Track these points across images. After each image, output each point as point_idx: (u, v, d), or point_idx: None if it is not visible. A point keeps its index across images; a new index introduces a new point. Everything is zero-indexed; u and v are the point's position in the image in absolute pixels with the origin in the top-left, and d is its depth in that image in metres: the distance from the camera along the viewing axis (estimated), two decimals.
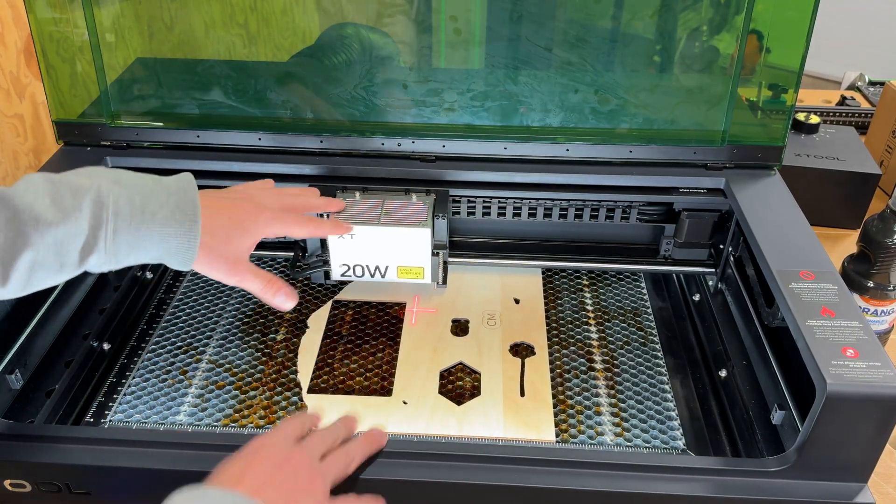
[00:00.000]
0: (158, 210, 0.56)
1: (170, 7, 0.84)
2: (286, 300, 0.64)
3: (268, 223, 0.63)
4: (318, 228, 0.71)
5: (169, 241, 0.56)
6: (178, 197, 0.57)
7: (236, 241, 0.60)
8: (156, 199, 0.56)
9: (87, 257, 0.54)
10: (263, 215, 0.63)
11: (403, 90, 0.86)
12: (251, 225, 0.62)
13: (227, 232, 0.60)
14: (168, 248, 0.56)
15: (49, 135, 1.19)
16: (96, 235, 0.53)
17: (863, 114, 1.36)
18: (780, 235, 0.70)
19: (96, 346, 0.76)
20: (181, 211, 0.56)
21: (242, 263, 0.61)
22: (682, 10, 0.81)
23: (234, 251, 0.60)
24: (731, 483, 0.58)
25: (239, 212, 0.62)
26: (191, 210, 0.57)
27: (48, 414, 0.68)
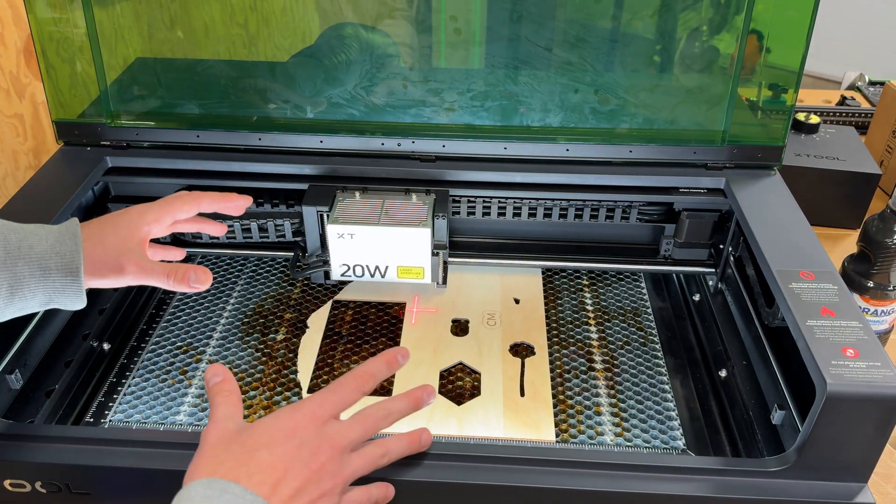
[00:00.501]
0: (36, 245, 0.53)
1: (170, 7, 0.84)
2: (198, 278, 0.60)
3: (141, 211, 0.61)
4: (199, 198, 0.66)
5: (51, 275, 0.53)
6: (58, 233, 0.55)
7: (112, 239, 0.57)
8: (34, 237, 0.54)
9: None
10: (137, 207, 0.61)
11: (403, 90, 0.86)
12: (126, 220, 0.59)
13: (101, 234, 0.57)
14: (53, 286, 0.54)
15: (49, 135, 1.19)
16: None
17: (863, 114, 1.36)
18: (780, 235, 0.70)
19: (96, 346, 0.76)
20: (60, 244, 0.54)
21: (129, 256, 0.58)
22: (682, 10, 0.81)
23: (113, 249, 0.57)
24: (731, 483, 0.57)
25: (111, 217, 0.60)
26: (71, 242, 0.54)
27: (48, 414, 0.68)
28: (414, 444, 0.56)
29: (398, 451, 0.55)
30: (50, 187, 0.77)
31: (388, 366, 0.56)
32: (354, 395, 0.54)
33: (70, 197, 0.75)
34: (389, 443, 0.55)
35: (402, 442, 0.56)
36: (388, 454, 0.54)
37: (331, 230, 0.76)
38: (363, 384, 0.54)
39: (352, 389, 0.54)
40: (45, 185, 0.78)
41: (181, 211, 0.64)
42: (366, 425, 0.53)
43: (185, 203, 0.64)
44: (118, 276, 0.58)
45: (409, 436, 0.56)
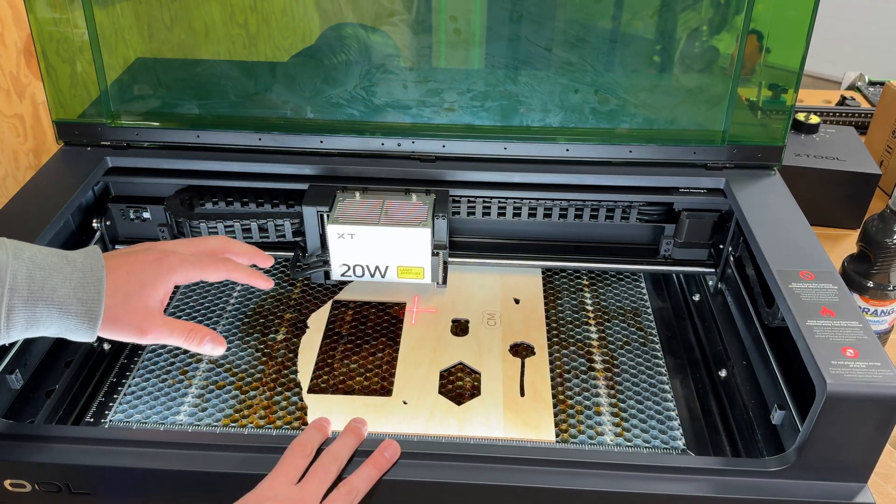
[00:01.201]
0: (60, 286, 0.52)
1: (170, 7, 0.84)
2: (214, 347, 0.60)
3: (173, 268, 0.58)
4: (234, 271, 0.63)
5: (68, 320, 0.53)
6: (81, 273, 0.54)
7: (137, 298, 0.56)
8: (58, 275, 0.53)
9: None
10: (167, 261, 0.58)
11: (403, 90, 0.86)
12: (153, 275, 0.57)
13: (127, 290, 0.56)
14: (68, 326, 0.53)
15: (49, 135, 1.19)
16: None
17: (863, 114, 1.36)
18: (780, 235, 0.70)
19: (96, 346, 0.76)
20: (84, 289, 0.53)
21: (152, 320, 0.57)
22: (682, 10, 0.81)
23: (137, 310, 0.56)
24: (731, 483, 0.58)
25: (138, 265, 0.57)
26: (94, 288, 0.54)
27: (48, 414, 0.68)
28: (380, 464, 0.57)
29: (366, 482, 0.56)
30: (50, 187, 0.77)
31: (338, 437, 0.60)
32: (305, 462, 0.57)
33: (70, 197, 0.75)
34: (354, 480, 0.56)
35: (367, 471, 0.56)
36: (356, 491, 0.55)
37: (331, 230, 0.76)
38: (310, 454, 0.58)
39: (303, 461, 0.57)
40: (46, 185, 0.78)
41: (212, 279, 0.62)
42: (322, 477, 0.55)
43: (219, 274, 0.62)
44: (137, 338, 0.57)
45: (371, 461, 0.57)
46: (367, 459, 0.57)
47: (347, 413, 0.68)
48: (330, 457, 0.57)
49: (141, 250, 0.59)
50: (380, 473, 0.57)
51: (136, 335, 0.56)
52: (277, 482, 0.54)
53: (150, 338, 0.57)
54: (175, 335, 0.58)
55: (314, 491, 0.54)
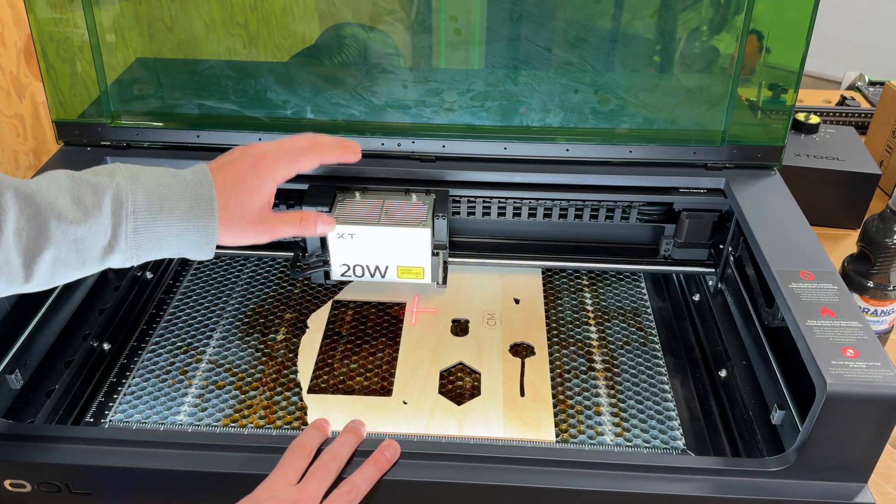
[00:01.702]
0: (176, 205, 0.56)
1: (170, 7, 0.84)
2: (325, 226, 0.67)
3: (272, 168, 0.62)
4: (324, 154, 0.66)
5: (188, 235, 0.57)
6: (194, 191, 0.57)
7: (247, 203, 0.60)
8: (173, 195, 0.56)
9: (108, 255, 0.55)
10: (264, 161, 0.62)
11: (403, 90, 0.86)
12: (255, 179, 0.61)
13: (238, 198, 0.60)
14: (188, 242, 0.57)
15: (49, 135, 1.19)
16: (117, 233, 0.54)
17: (863, 114, 1.36)
18: (780, 235, 0.70)
19: (96, 346, 0.76)
20: (198, 205, 0.57)
21: (266, 220, 0.62)
22: (682, 10, 0.81)
23: (250, 213, 0.60)
24: (731, 483, 0.58)
25: (240, 172, 0.61)
26: (207, 204, 0.57)
27: (48, 414, 0.68)
28: (381, 464, 0.57)
29: (366, 482, 0.56)
30: None
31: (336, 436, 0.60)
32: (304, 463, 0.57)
33: None
34: (355, 479, 0.56)
35: (367, 471, 0.56)
36: (357, 490, 0.55)
37: (331, 232, 0.76)
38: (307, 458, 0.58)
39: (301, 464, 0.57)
40: None
41: (307, 168, 0.65)
42: (322, 476, 0.55)
43: (312, 161, 0.65)
44: (257, 239, 0.62)
45: (372, 460, 0.57)
46: (368, 459, 0.57)
47: (347, 413, 0.68)
48: (329, 456, 0.57)
49: (237, 157, 0.62)
50: (380, 473, 0.57)
51: (255, 236, 0.61)
52: (277, 483, 0.54)
53: (267, 236, 0.62)
54: (290, 226, 0.64)
55: (314, 491, 0.54)
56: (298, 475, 0.55)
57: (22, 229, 0.51)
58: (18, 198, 0.51)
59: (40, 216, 0.52)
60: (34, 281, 0.53)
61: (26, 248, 0.51)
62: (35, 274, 0.52)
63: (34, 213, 0.51)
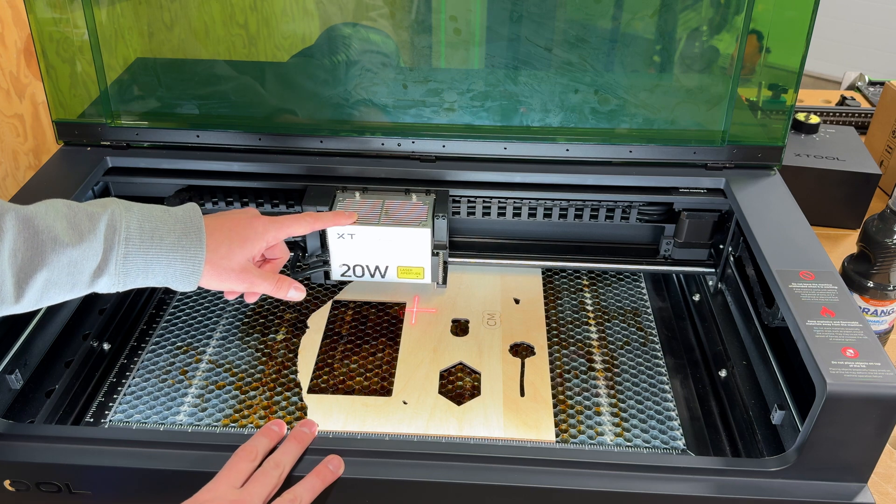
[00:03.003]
0: (166, 236, 0.59)
1: (170, 7, 0.84)
2: (297, 293, 0.68)
3: (266, 227, 0.66)
4: (316, 221, 0.72)
5: (175, 264, 0.59)
6: (184, 224, 0.60)
7: (237, 252, 0.63)
8: (164, 226, 0.59)
9: (97, 278, 0.57)
10: (259, 221, 0.66)
11: (403, 90, 0.86)
12: (250, 233, 0.65)
13: (228, 245, 0.63)
14: (174, 271, 0.59)
15: (49, 135, 1.19)
16: (108, 258, 0.57)
17: (863, 114, 1.36)
18: (780, 235, 0.70)
19: (96, 346, 0.76)
20: (187, 237, 0.60)
21: (248, 272, 0.64)
22: (682, 10, 0.81)
23: (237, 262, 0.63)
24: (731, 483, 0.58)
25: (236, 224, 0.65)
26: (196, 237, 0.60)
27: (48, 414, 0.68)
28: (324, 476, 0.57)
29: (309, 493, 0.56)
30: (50, 187, 0.77)
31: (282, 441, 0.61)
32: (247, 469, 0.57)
33: (70, 197, 0.75)
34: (298, 489, 0.56)
35: (311, 481, 0.56)
36: (299, 500, 0.55)
37: (331, 230, 0.76)
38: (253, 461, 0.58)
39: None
40: (46, 185, 0.78)
41: (298, 232, 0.70)
42: (264, 482, 0.56)
43: (303, 227, 0.70)
44: (238, 285, 0.64)
45: (316, 472, 0.57)
46: (312, 471, 0.57)
47: (347, 413, 0.68)
48: (272, 464, 0.57)
49: (235, 212, 0.67)
50: (324, 485, 0.57)
51: (234, 285, 0.64)
52: (220, 485, 0.55)
53: (245, 286, 0.65)
54: (267, 283, 0.66)
55: (256, 493, 0.54)
56: (243, 478, 0.56)
57: (17, 250, 0.53)
58: (18, 220, 0.53)
59: (37, 238, 0.54)
60: (24, 302, 0.54)
61: (20, 269, 0.53)
62: (26, 295, 0.54)
63: (32, 234, 0.53)
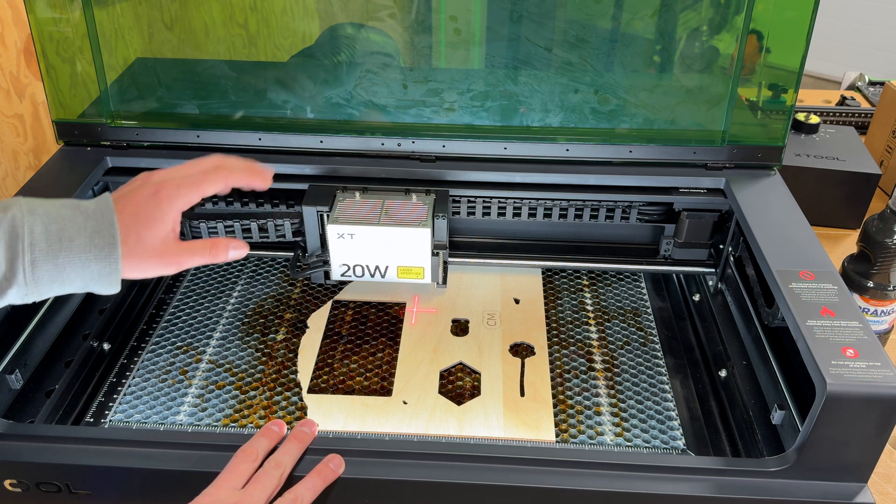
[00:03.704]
0: (76, 236, 0.54)
1: (170, 7, 0.84)
2: (237, 252, 0.62)
3: (173, 196, 0.58)
4: (229, 176, 0.62)
5: (90, 266, 0.54)
6: (94, 221, 0.55)
7: (148, 234, 0.57)
8: (73, 226, 0.54)
9: (6, 290, 0.53)
10: (165, 191, 0.58)
11: (403, 90, 0.86)
12: (156, 210, 0.58)
13: (137, 229, 0.57)
14: (90, 274, 0.55)
15: (49, 135, 1.19)
16: (13, 268, 0.52)
17: (863, 114, 1.36)
18: (780, 235, 0.70)
19: (96, 346, 0.76)
20: (99, 235, 0.54)
21: (170, 250, 0.58)
22: (682, 10, 0.81)
23: (152, 244, 0.57)
24: (731, 483, 0.58)
25: (139, 202, 0.58)
26: (108, 233, 0.55)
27: (48, 414, 0.68)
28: (325, 475, 0.57)
29: (310, 492, 0.56)
30: (50, 187, 0.77)
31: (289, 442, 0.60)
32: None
33: (70, 197, 0.75)
34: (299, 489, 0.56)
35: (312, 481, 0.56)
36: (301, 499, 0.55)
37: (331, 230, 0.76)
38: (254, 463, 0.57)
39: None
40: (46, 185, 0.78)
41: (213, 191, 0.62)
42: (266, 483, 0.55)
43: (216, 184, 0.61)
44: (164, 270, 0.59)
45: (317, 471, 0.57)
46: (313, 470, 0.57)
47: (347, 413, 0.68)
48: (273, 464, 0.57)
49: (138, 187, 0.59)
50: (325, 484, 0.57)
51: (161, 268, 0.58)
52: (220, 488, 0.54)
53: (173, 267, 0.59)
54: (199, 255, 0.60)
55: (257, 496, 0.54)
56: (243, 480, 0.55)
57: None
58: None
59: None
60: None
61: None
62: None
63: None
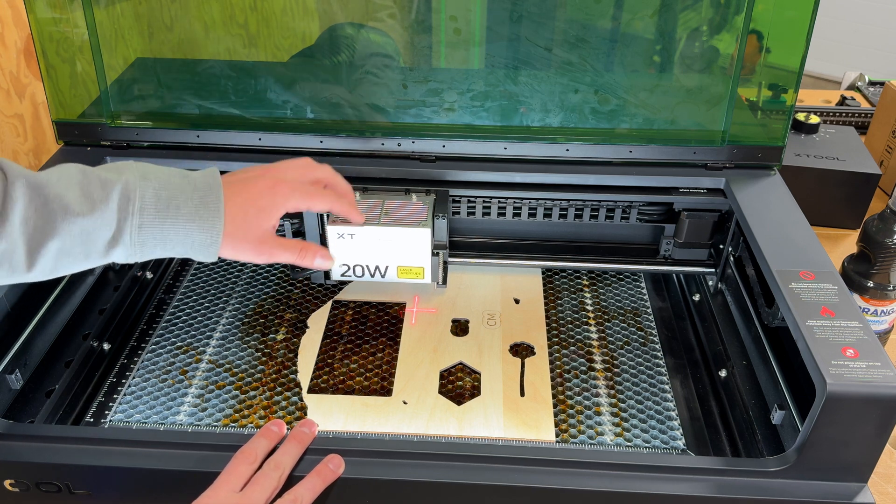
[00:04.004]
0: (183, 205, 0.57)
1: (170, 7, 0.84)
2: (324, 262, 0.67)
3: (286, 196, 0.63)
4: (336, 202, 0.68)
5: (193, 235, 0.57)
6: (202, 193, 0.58)
7: (254, 223, 0.61)
8: (181, 195, 0.57)
9: (112, 249, 0.55)
10: (281, 188, 0.63)
11: (403, 90, 0.86)
12: (269, 202, 0.62)
13: (245, 215, 0.60)
14: (192, 243, 0.58)
15: (49, 135, 1.19)
16: (122, 228, 0.55)
17: (863, 114, 1.36)
18: (780, 235, 0.70)
19: (96, 346, 0.76)
20: (205, 207, 0.58)
21: (267, 241, 0.62)
22: (682, 10, 0.81)
23: (255, 233, 0.61)
24: (731, 483, 0.58)
25: (255, 192, 0.62)
26: (214, 206, 0.58)
27: (48, 414, 0.68)
28: (325, 475, 0.57)
29: (310, 492, 0.56)
30: None
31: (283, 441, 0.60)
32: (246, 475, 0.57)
33: None
34: (299, 489, 0.56)
35: (312, 482, 0.56)
36: (301, 500, 0.55)
37: (331, 230, 0.76)
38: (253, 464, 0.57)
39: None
40: None
41: (316, 209, 0.67)
42: (265, 484, 0.55)
43: (324, 205, 0.67)
44: (254, 258, 0.62)
45: (316, 472, 0.57)
46: (313, 470, 0.57)
47: (347, 413, 0.68)
48: (272, 465, 0.57)
49: (255, 176, 0.63)
50: (325, 484, 0.57)
51: (253, 256, 0.62)
52: (219, 491, 0.54)
53: (264, 257, 0.62)
54: (289, 252, 0.64)
55: (256, 499, 0.54)
56: (242, 482, 0.55)
57: (29, 218, 0.51)
58: (29, 187, 0.52)
59: (48, 206, 0.52)
60: (36, 271, 0.53)
61: (31, 238, 0.52)
62: (38, 264, 0.53)
63: (42, 203, 0.52)
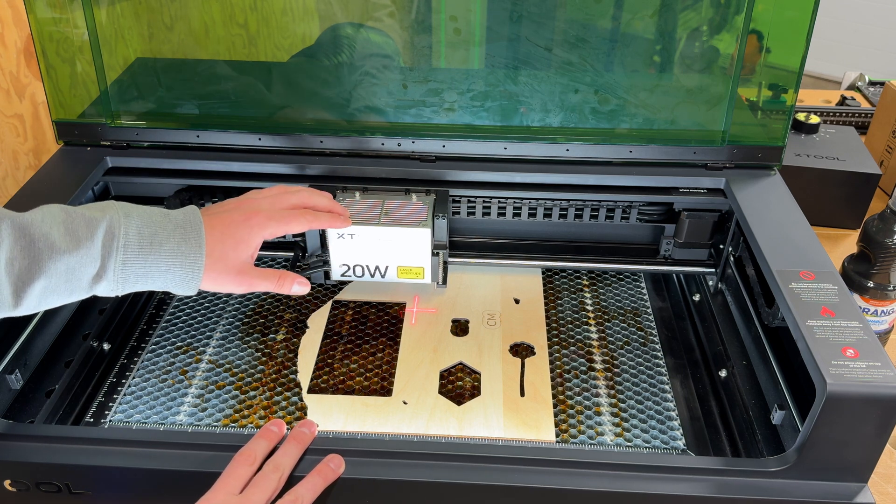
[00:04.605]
0: (165, 242, 0.59)
1: (170, 7, 0.84)
2: (301, 288, 0.68)
3: (262, 225, 0.65)
4: (314, 221, 0.69)
5: (174, 271, 0.59)
6: (183, 230, 0.60)
7: (232, 255, 0.62)
8: (163, 232, 0.59)
9: (96, 284, 0.57)
10: (256, 219, 0.64)
11: (403, 90, 0.86)
12: (245, 234, 0.64)
13: (223, 248, 0.62)
14: (173, 277, 0.59)
15: (49, 135, 1.19)
16: (106, 265, 0.57)
17: (863, 114, 1.36)
18: (780, 235, 0.70)
19: (96, 346, 0.76)
20: (186, 243, 0.59)
21: (246, 272, 0.64)
22: (682, 10, 0.81)
23: (233, 264, 0.62)
24: (731, 483, 0.58)
25: (230, 224, 0.63)
26: (195, 242, 0.60)
27: (48, 414, 0.68)
28: (326, 475, 0.57)
29: (311, 492, 0.56)
30: (50, 187, 0.77)
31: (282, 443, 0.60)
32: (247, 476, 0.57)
33: (70, 197, 0.75)
34: (299, 489, 0.56)
35: (312, 481, 0.56)
36: (301, 500, 0.55)
37: (331, 230, 0.76)
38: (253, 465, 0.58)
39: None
40: (46, 185, 0.78)
41: (294, 231, 0.68)
42: (264, 486, 0.55)
43: (301, 226, 0.68)
44: (237, 287, 0.64)
45: (317, 471, 0.57)
46: (313, 470, 0.57)
47: (347, 413, 0.68)
48: (271, 467, 0.57)
49: (230, 210, 0.65)
50: (325, 484, 0.57)
51: (234, 286, 0.63)
52: (218, 494, 0.54)
53: (244, 287, 0.64)
54: (268, 282, 0.65)
55: (255, 500, 0.54)
56: (242, 484, 0.55)
57: (14, 259, 0.53)
58: (14, 228, 0.53)
59: (34, 247, 0.54)
60: (22, 308, 0.55)
61: (17, 278, 0.53)
62: (24, 302, 0.54)
63: (28, 243, 0.53)
